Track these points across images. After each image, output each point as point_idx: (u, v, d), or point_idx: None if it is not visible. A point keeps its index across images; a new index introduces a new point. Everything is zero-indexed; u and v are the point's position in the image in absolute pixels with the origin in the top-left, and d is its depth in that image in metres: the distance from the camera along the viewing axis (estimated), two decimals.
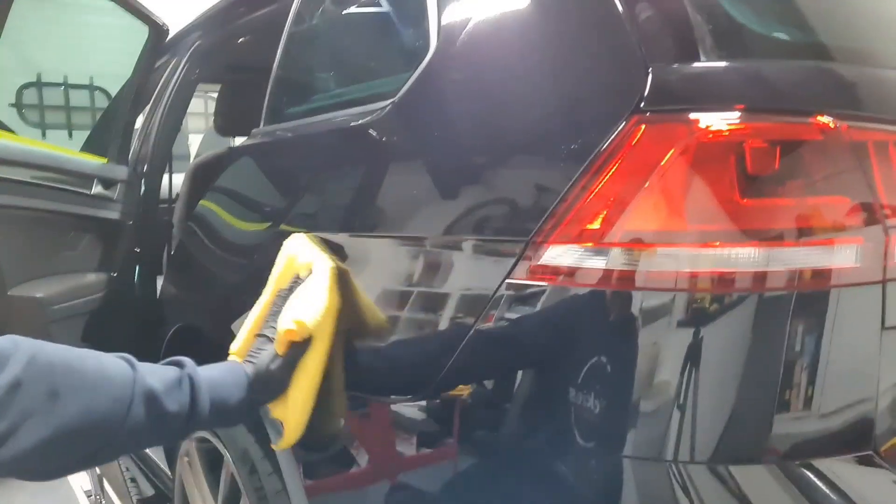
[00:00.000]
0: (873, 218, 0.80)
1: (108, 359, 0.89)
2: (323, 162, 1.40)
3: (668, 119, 0.82)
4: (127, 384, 0.86)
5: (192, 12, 2.46)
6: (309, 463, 1.22)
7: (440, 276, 0.99)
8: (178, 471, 1.72)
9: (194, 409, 0.92)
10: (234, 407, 0.96)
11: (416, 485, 1.05)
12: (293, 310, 0.97)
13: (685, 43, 0.87)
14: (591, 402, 0.84)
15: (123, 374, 0.87)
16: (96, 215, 2.25)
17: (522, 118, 0.97)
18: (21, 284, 2.11)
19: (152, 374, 0.90)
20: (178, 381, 0.92)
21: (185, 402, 0.91)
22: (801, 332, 0.79)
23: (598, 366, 0.84)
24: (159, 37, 2.31)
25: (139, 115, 2.52)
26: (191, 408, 0.91)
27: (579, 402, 0.83)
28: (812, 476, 0.79)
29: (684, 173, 0.80)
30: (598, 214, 0.82)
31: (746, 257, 0.78)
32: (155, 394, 0.88)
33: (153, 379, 0.89)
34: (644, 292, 0.80)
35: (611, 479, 0.82)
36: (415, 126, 1.15)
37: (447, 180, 1.04)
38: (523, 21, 1.03)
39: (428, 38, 1.13)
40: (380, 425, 1.08)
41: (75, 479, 2.87)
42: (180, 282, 2.03)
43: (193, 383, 0.92)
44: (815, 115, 0.81)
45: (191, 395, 0.91)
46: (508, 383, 0.91)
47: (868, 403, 0.81)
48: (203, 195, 1.91)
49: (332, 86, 1.59)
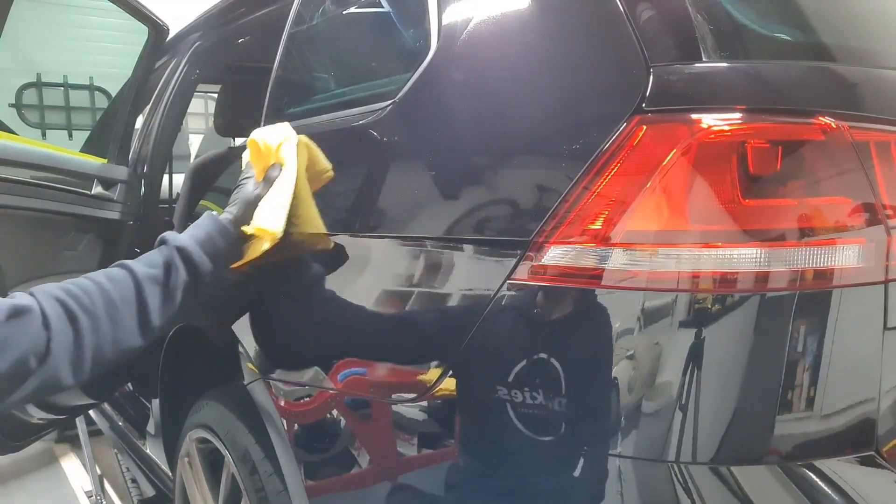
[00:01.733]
0: (875, 218, 0.80)
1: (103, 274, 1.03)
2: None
3: (670, 119, 0.82)
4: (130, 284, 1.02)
5: (192, 12, 2.45)
6: (310, 464, 1.22)
7: (441, 276, 0.99)
8: (179, 471, 1.72)
9: (195, 269, 1.07)
10: (223, 247, 1.11)
11: (417, 485, 1.05)
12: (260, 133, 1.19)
13: (687, 43, 0.87)
14: (593, 402, 0.84)
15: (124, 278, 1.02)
16: (97, 215, 2.24)
17: (524, 118, 0.97)
18: (21, 285, 2.11)
19: (146, 263, 1.05)
20: (168, 260, 1.06)
21: (180, 270, 1.06)
22: (803, 332, 0.79)
23: (599, 366, 0.84)
24: (159, 37, 2.31)
25: (139, 115, 2.51)
26: (191, 271, 1.07)
27: (580, 402, 0.83)
28: (814, 476, 0.79)
29: (686, 173, 0.79)
30: (600, 215, 0.82)
31: (748, 258, 0.78)
32: (156, 277, 1.04)
33: (148, 267, 1.04)
34: (646, 293, 0.80)
35: (613, 479, 0.82)
36: (416, 126, 1.15)
37: (448, 180, 1.04)
38: (524, 21, 1.03)
39: (429, 38, 1.13)
40: (381, 426, 1.08)
41: (76, 479, 2.87)
42: None
43: (182, 250, 1.07)
44: (817, 116, 0.81)
45: (183, 262, 1.06)
46: (509, 383, 0.91)
47: (870, 404, 0.81)
48: (203, 195, 1.91)
49: (332, 86, 1.59)
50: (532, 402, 0.86)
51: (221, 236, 1.11)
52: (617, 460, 0.81)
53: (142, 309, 1.02)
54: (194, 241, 1.09)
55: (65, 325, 0.95)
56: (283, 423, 1.23)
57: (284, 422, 1.23)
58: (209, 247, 1.09)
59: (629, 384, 0.80)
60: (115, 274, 1.03)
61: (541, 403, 0.86)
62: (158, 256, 1.07)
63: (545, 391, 0.86)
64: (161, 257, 1.06)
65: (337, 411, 1.15)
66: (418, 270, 1.03)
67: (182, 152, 4.81)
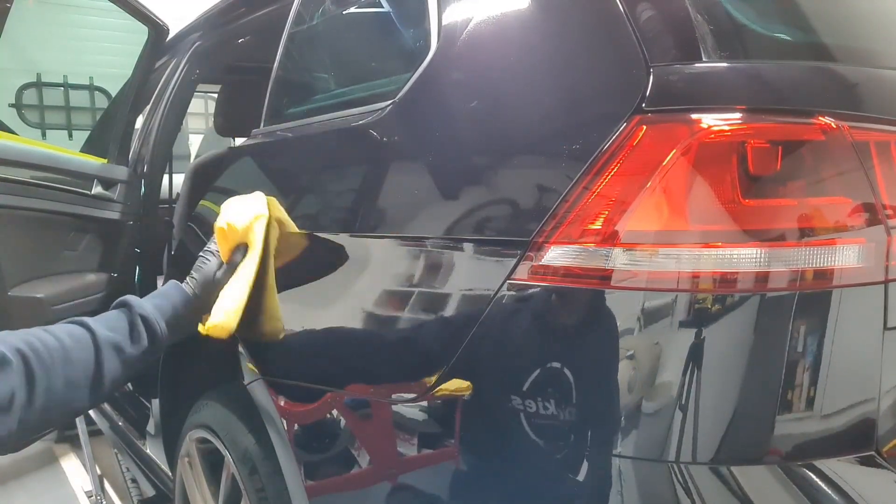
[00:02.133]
0: (875, 218, 0.80)
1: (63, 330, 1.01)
2: (323, 162, 1.40)
3: (670, 119, 0.82)
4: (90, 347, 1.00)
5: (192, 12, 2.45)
6: (310, 464, 1.22)
7: (441, 276, 0.99)
8: (179, 471, 1.72)
9: (154, 338, 1.07)
10: (184, 320, 1.12)
11: (418, 485, 1.05)
12: (227, 214, 1.15)
13: (687, 43, 0.87)
14: (593, 402, 0.84)
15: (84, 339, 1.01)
16: (97, 215, 2.24)
17: (523, 118, 0.97)
18: (21, 285, 2.11)
19: (108, 327, 1.04)
20: (130, 325, 1.05)
21: (142, 338, 1.05)
22: (803, 332, 0.79)
23: (599, 366, 0.84)
24: (159, 37, 2.31)
25: (139, 115, 2.51)
26: (150, 340, 1.06)
27: (581, 402, 0.83)
28: (814, 477, 0.79)
29: (686, 173, 0.79)
30: (600, 215, 0.82)
31: (748, 258, 0.78)
32: (116, 343, 1.03)
33: (109, 331, 1.03)
34: (646, 293, 0.80)
35: (613, 479, 0.82)
36: (415, 126, 1.15)
37: (448, 180, 1.04)
38: (524, 21, 1.03)
39: (429, 38, 1.13)
40: (381, 426, 1.08)
41: (75, 479, 2.87)
42: (180, 282, 2.03)
43: (145, 319, 1.06)
44: (817, 116, 0.81)
45: (146, 330, 1.06)
46: (509, 384, 0.91)
47: (870, 404, 0.81)
48: (203, 195, 1.91)
49: (332, 86, 1.59)
50: (532, 402, 0.86)
51: (184, 307, 1.12)
52: (617, 460, 0.81)
53: (97, 373, 1.00)
54: (159, 311, 1.09)
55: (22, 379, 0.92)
56: (283, 423, 1.23)
57: (284, 422, 1.23)
58: (171, 318, 1.10)
59: (629, 384, 0.80)
60: (76, 333, 1.01)
61: (541, 403, 0.86)
62: (121, 321, 1.06)
63: (545, 391, 0.86)
64: (124, 323, 1.06)
65: (337, 411, 1.15)
66: (418, 270, 1.03)
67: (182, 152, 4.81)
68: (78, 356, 0.98)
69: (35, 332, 0.98)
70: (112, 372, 1.02)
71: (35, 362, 0.94)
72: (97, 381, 1.00)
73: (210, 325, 1.10)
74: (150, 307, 1.09)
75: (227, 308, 1.10)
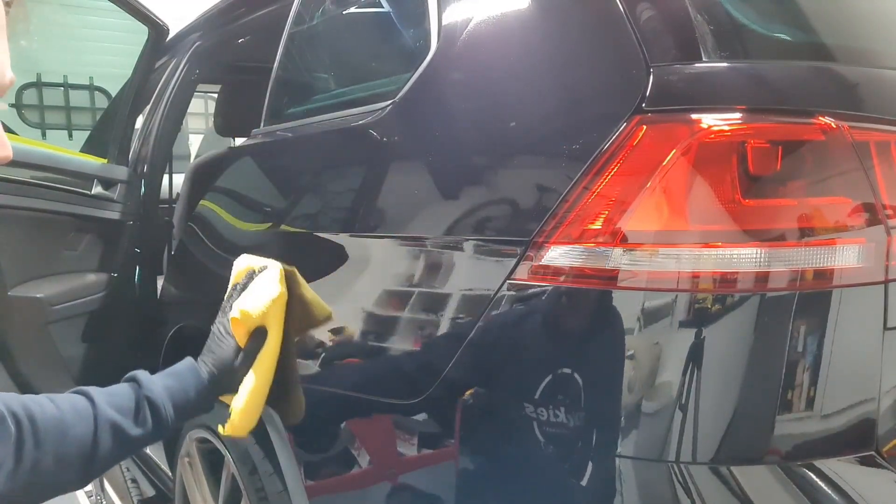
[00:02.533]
0: (875, 218, 0.80)
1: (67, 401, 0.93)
2: (323, 162, 1.40)
3: (670, 119, 0.82)
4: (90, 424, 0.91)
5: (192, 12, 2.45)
6: (310, 463, 1.22)
7: (441, 276, 0.99)
8: (179, 471, 1.72)
9: (158, 423, 0.97)
10: (195, 405, 1.01)
11: (418, 485, 1.05)
12: (242, 301, 1.03)
13: (687, 43, 0.87)
14: (593, 402, 0.83)
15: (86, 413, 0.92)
16: (96, 215, 2.24)
17: (523, 118, 0.97)
18: (21, 284, 2.11)
19: (111, 404, 0.94)
20: (136, 406, 0.96)
21: (147, 421, 0.96)
22: (803, 332, 0.79)
23: (599, 366, 0.84)
24: (159, 37, 2.31)
25: (139, 115, 2.51)
26: (154, 424, 0.96)
27: (581, 402, 0.83)
28: (814, 476, 0.79)
29: (686, 173, 0.79)
30: (600, 215, 0.82)
31: (748, 258, 0.78)
32: (117, 424, 0.93)
33: (113, 410, 0.94)
34: (646, 293, 0.80)
35: (613, 479, 0.82)
36: (415, 126, 1.15)
37: (448, 181, 1.04)
38: (524, 21, 1.03)
39: (428, 38, 1.13)
40: (381, 426, 1.08)
41: None
42: (181, 282, 2.03)
43: (152, 402, 0.96)
44: (817, 116, 0.81)
45: (151, 414, 0.96)
46: (509, 384, 0.91)
47: (870, 404, 0.81)
48: (203, 195, 1.91)
49: (332, 86, 1.59)
50: (531, 402, 0.86)
51: (196, 393, 1.01)
52: (617, 460, 0.81)
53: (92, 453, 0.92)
54: (168, 394, 0.98)
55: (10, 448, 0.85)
56: (283, 423, 1.23)
57: None
58: (181, 402, 0.99)
59: (629, 384, 0.80)
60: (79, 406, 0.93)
61: (540, 403, 0.86)
62: (127, 400, 0.96)
63: (545, 391, 0.86)
64: (131, 402, 0.96)
65: (337, 411, 1.15)
66: (418, 271, 1.03)
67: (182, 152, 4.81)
68: (74, 433, 0.90)
69: (38, 398, 0.91)
70: (107, 453, 0.93)
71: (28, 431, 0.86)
72: (89, 462, 0.92)
73: (230, 429, 1.02)
74: (160, 388, 0.98)
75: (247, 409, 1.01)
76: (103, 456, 0.93)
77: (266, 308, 1.01)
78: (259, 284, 1.04)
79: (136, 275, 2.35)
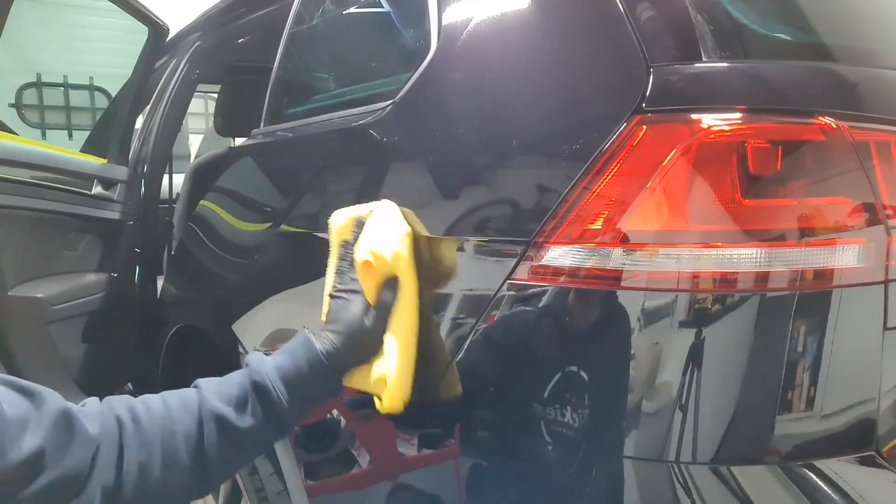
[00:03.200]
0: (875, 218, 0.80)
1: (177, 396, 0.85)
2: (323, 162, 1.40)
3: (670, 119, 0.82)
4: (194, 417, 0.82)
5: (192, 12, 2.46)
6: (310, 464, 1.22)
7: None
8: None
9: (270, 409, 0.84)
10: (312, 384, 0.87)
11: (417, 485, 1.05)
12: (367, 240, 0.87)
13: (687, 43, 0.87)
14: (593, 402, 0.83)
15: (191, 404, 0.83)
16: (97, 215, 2.25)
17: (524, 118, 0.97)
18: (21, 284, 2.11)
19: (217, 393, 0.84)
20: (241, 393, 0.84)
21: (256, 410, 0.83)
22: (803, 332, 0.79)
23: (599, 366, 0.84)
24: (159, 37, 2.31)
25: (139, 115, 2.51)
26: (266, 412, 0.84)
27: (581, 402, 0.83)
28: (814, 476, 0.79)
29: (686, 173, 0.79)
30: (600, 215, 0.82)
31: (748, 258, 0.78)
32: (221, 415, 0.82)
33: (217, 399, 0.83)
34: (646, 293, 0.80)
35: (613, 479, 0.82)
36: (415, 126, 1.15)
37: (448, 181, 1.04)
38: (524, 21, 1.03)
39: (428, 38, 1.13)
40: (381, 426, 1.08)
41: None
42: (181, 282, 2.03)
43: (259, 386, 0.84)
44: (817, 116, 0.81)
45: (260, 401, 0.84)
46: (509, 383, 0.91)
47: (870, 404, 0.81)
48: (203, 195, 1.91)
49: (332, 86, 1.59)
50: (532, 402, 0.86)
51: (309, 367, 0.85)
52: (617, 460, 0.81)
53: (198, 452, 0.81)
54: (279, 374, 0.85)
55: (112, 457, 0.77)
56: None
57: None
58: (295, 380, 0.85)
59: (629, 384, 0.80)
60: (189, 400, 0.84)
61: (540, 403, 0.86)
62: (234, 387, 0.85)
63: (545, 391, 0.86)
64: (236, 389, 0.84)
65: (337, 411, 1.15)
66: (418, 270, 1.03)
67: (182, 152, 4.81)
68: (181, 429, 0.80)
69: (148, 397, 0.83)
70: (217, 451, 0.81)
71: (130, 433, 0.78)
72: (201, 462, 0.81)
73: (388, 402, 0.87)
74: (269, 368, 0.85)
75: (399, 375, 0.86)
76: (214, 455, 0.81)
77: (397, 250, 0.86)
78: (379, 224, 0.88)
79: (136, 275, 2.36)
